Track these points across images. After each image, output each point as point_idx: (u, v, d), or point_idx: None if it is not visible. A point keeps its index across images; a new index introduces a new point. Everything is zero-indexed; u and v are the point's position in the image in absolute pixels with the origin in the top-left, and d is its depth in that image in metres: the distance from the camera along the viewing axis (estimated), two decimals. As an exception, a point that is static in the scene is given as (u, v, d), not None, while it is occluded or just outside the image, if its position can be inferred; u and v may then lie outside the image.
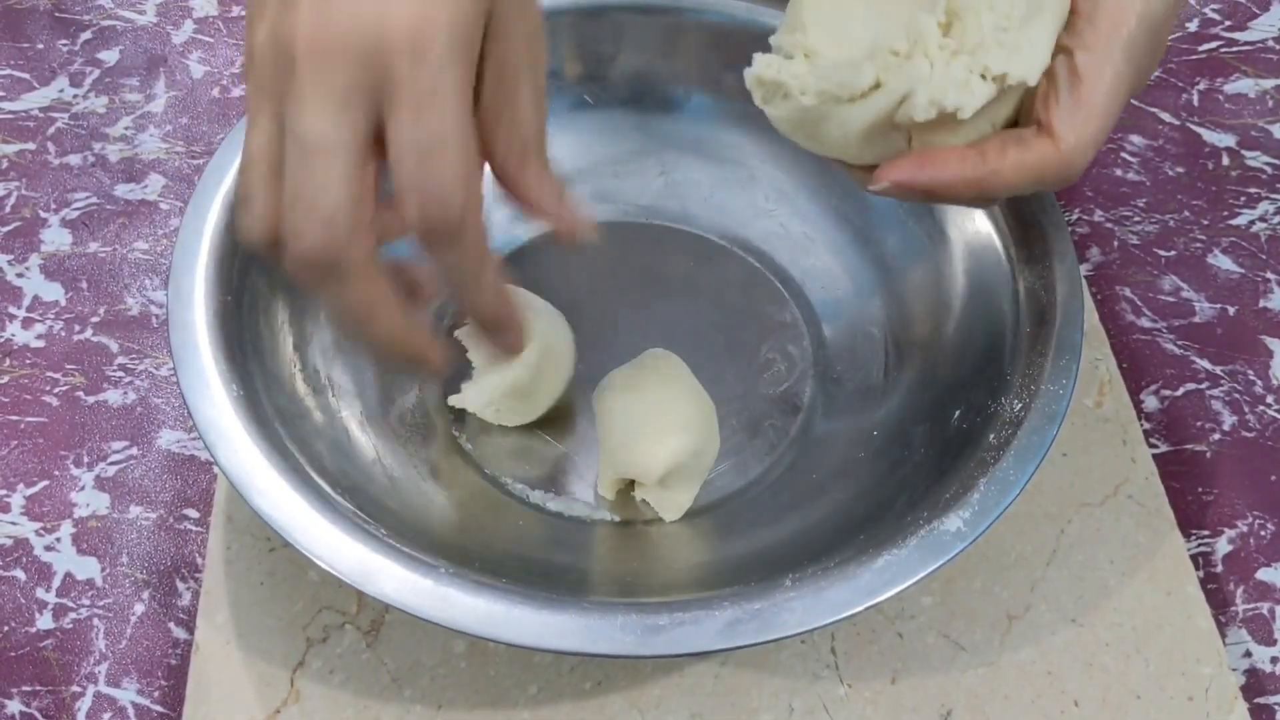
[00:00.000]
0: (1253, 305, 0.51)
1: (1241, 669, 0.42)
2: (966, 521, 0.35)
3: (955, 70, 0.30)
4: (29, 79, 0.58)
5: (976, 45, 0.30)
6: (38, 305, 0.50)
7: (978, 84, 0.30)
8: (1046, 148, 0.30)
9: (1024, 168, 0.30)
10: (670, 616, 0.33)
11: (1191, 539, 0.45)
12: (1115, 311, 0.51)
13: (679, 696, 0.40)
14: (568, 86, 0.50)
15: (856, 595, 0.34)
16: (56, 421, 0.47)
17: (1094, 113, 0.30)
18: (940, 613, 0.41)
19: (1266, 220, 0.54)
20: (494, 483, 0.44)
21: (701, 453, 0.42)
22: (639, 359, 0.44)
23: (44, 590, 0.42)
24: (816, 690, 0.40)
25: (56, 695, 0.40)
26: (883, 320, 0.47)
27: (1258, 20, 0.63)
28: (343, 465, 0.40)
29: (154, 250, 0.52)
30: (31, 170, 0.55)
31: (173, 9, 0.62)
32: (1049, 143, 0.30)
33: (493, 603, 0.33)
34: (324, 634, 0.40)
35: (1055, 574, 0.42)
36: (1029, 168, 0.30)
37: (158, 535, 0.44)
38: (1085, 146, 0.30)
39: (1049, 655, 0.41)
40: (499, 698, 0.39)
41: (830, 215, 0.50)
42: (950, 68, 0.30)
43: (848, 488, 0.42)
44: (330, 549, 0.34)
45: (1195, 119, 0.58)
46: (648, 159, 0.52)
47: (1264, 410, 0.48)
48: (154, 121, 0.57)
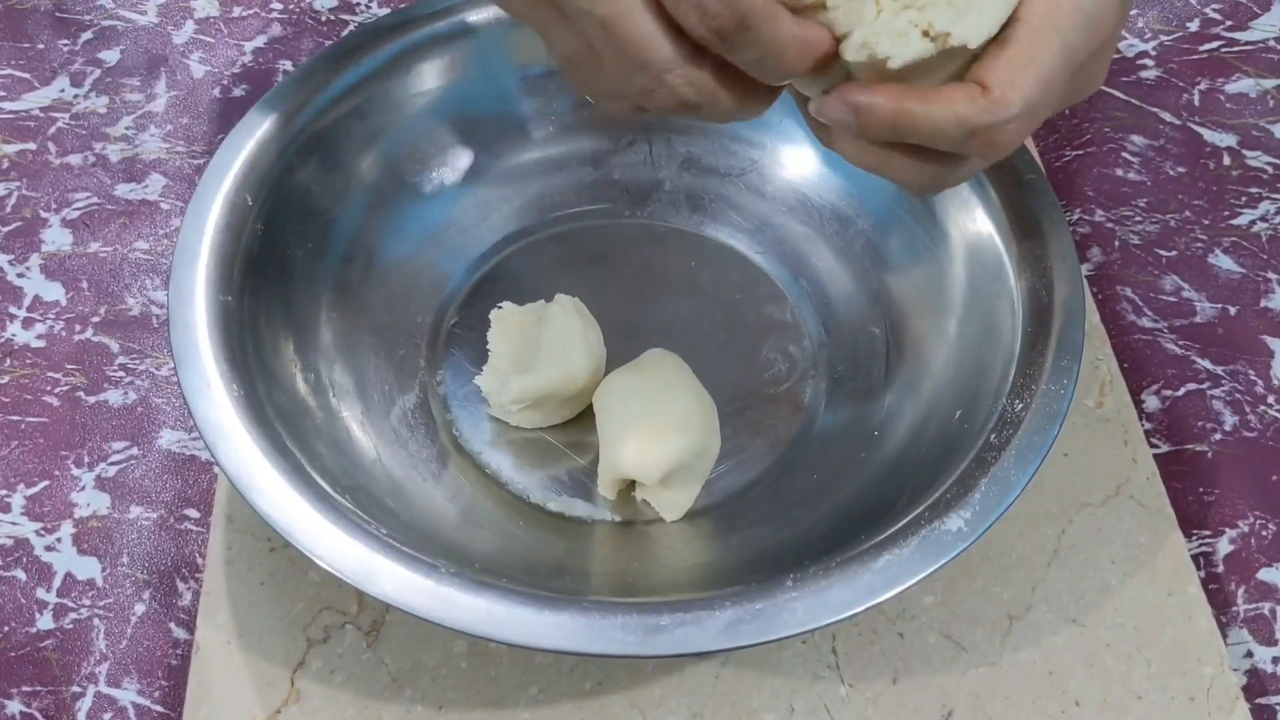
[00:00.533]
0: (1254, 305, 0.51)
1: (1243, 669, 0.42)
2: (968, 521, 0.35)
3: (898, 21, 0.30)
4: (29, 79, 0.58)
5: (926, 3, 0.30)
6: (38, 305, 0.50)
7: (915, 38, 0.30)
8: (973, 92, 0.30)
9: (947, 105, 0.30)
10: (671, 616, 0.33)
11: (1193, 539, 0.45)
12: (1116, 311, 0.51)
13: (680, 696, 0.39)
14: (570, 85, 0.51)
15: (857, 595, 0.34)
16: (57, 421, 0.47)
17: (1026, 69, 0.30)
18: (941, 613, 0.41)
19: (1267, 220, 0.54)
20: (495, 482, 0.44)
21: (702, 453, 0.42)
22: (639, 359, 0.44)
23: (44, 590, 0.42)
24: (817, 690, 0.40)
25: (57, 695, 0.40)
26: (883, 320, 0.47)
27: (1258, 20, 0.63)
28: (343, 465, 0.40)
29: (154, 250, 0.52)
30: (32, 170, 0.55)
31: (173, 9, 0.62)
32: (975, 89, 0.30)
33: (493, 603, 0.33)
34: (324, 634, 0.40)
35: (1056, 574, 0.42)
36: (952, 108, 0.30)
37: (158, 535, 0.44)
38: (1013, 100, 0.30)
39: (1050, 655, 0.41)
40: (500, 698, 0.39)
41: (831, 214, 0.50)
42: (895, 17, 0.30)
43: (848, 487, 0.42)
44: (331, 549, 0.34)
45: (1196, 119, 0.58)
46: (649, 157, 0.52)
47: (1265, 410, 0.48)
48: (154, 121, 0.57)
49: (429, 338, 0.47)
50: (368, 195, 0.47)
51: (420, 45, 0.47)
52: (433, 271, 0.49)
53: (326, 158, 0.46)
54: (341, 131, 0.46)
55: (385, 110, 0.47)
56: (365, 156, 0.47)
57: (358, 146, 0.47)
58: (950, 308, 0.45)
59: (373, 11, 0.62)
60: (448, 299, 0.48)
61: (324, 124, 0.45)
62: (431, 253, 0.49)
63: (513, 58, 0.49)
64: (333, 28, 0.61)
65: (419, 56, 0.47)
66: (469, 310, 0.48)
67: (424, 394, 0.46)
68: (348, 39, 0.47)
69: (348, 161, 0.47)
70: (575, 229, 0.51)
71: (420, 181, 0.49)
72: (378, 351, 0.46)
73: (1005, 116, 0.30)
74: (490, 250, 0.50)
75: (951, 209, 0.45)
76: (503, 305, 0.45)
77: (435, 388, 0.46)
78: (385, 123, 0.47)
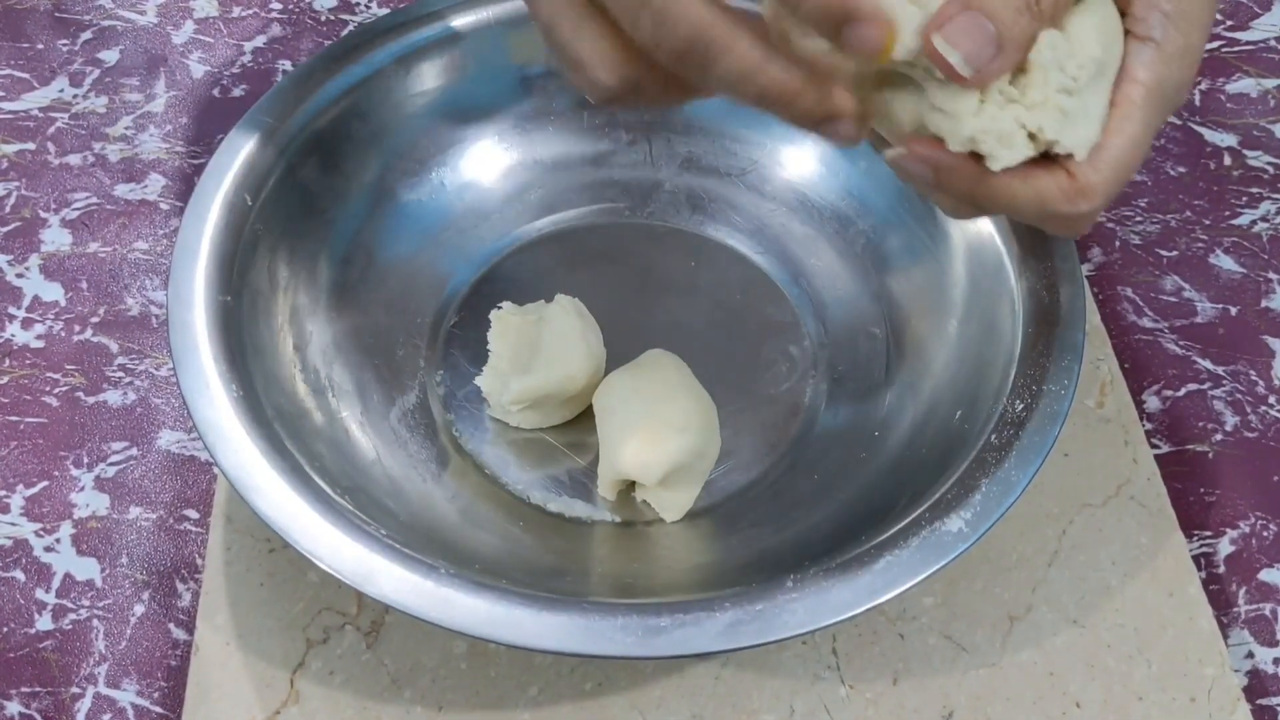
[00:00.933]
0: (1254, 305, 0.51)
1: (1244, 670, 0.42)
2: (968, 522, 0.35)
3: (1004, 120, 0.29)
4: (29, 79, 0.58)
5: (1036, 103, 0.29)
6: (37, 305, 0.50)
7: (1021, 141, 0.29)
8: (1060, 179, 0.30)
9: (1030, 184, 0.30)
10: (671, 617, 0.33)
11: (1194, 540, 0.45)
12: (1117, 311, 0.51)
13: (680, 697, 0.39)
14: (569, 85, 0.50)
15: (858, 596, 0.34)
16: (56, 422, 0.47)
17: (1113, 161, 0.30)
18: (942, 613, 0.41)
19: (1268, 220, 0.54)
20: (494, 483, 0.43)
21: (702, 453, 0.42)
22: (639, 359, 0.44)
23: (43, 591, 0.42)
24: (818, 691, 0.40)
25: (56, 696, 0.40)
26: (884, 320, 0.47)
27: (1259, 20, 0.62)
28: (343, 466, 0.39)
29: (154, 250, 0.52)
30: (31, 170, 0.54)
31: (173, 9, 0.62)
32: (1063, 176, 0.30)
33: (493, 604, 0.33)
34: (324, 635, 0.40)
35: (1057, 575, 0.42)
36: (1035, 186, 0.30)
37: (157, 536, 0.44)
38: (1096, 187, 0.30)
39: (1050, 656, 0.41)
40: (499, 699, 0.39)
41: (832, 215, 0.50)
42: (1002, 113, 0.29)
43: (849, 488, 0.42)
44: (330, 549, 0.34)
45: (1197, 119, 0.58)
46: (649, 157, 0.52)
47: (1266, 410, 0.48)
48: (154, 121, 0.57)
49: (429, 338, 0.47)
50: (367, 195, 0.47)
51: (419, 45, 0.47)
52: (432, 272, 0.49)
53: (326, 158, 0.46)
54: (341, 132, 0.46)
55: (385, 110, 0.47)
56: (365, 156, 0.47)
57: (357, 147, 0.47)
58: (951, 308, 0.45)
59: (372, 11, 0.62)
60: (447, 299, 0.48)
61: (323, 124, 0.45)
62: (431, 253, 0.49)
63: (512, 58, 0.49)
64: (332, 28, 0.61)
65: (418, 56, 0.47)
66: (469, 310, 0.48)
67: (423, 394, 0.46)
68: (347, 39, 0.47)
69: (347, 162, 0.47)
70: (575, 229, 0.51)
71: (420, 182, 0.49)
72: (377, 352, 0.46)
73: (1088, 209, 0.30)
74: (490, 250, 0.50)
75: (952, 209, 0.45)
76: (503, 305, 0.45)
77: (435, 388, 0.46)
78: (385, 123, 0.47)
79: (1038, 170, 0.30)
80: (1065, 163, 0.30)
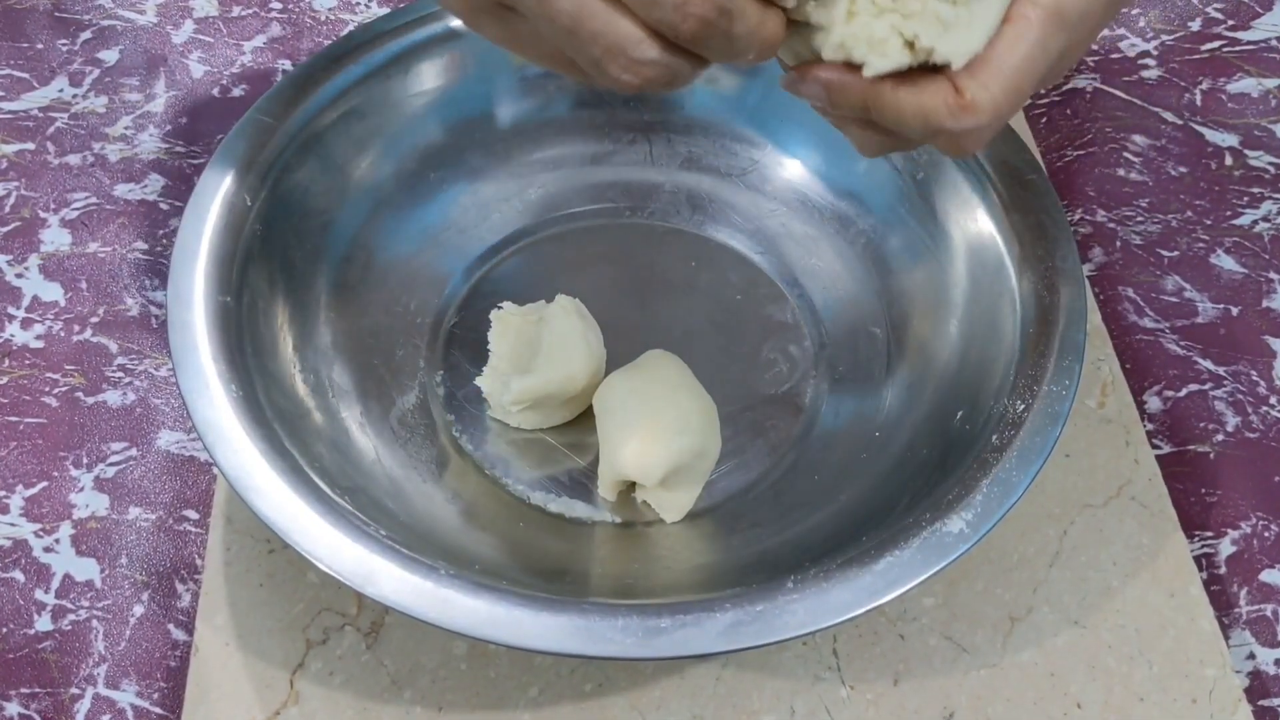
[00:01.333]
0: (1256, 305, 0.51)
1: (1245, 671, 0.42)
2: (969, 523, 0.35)
3: (877, 26, 0.28)
4: (29, 79, 0.58)
5: (914, 11, 0.28)
6: (37, 305, 0.50)
7: (895, 48, 0.28)
8: (945, 92, 0.29)
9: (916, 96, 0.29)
10: (671, 618, 0.33)
11: (1195, 540, 0.45)
12: (1118, 312, 0.51)
13: (680, 698, 0.39)
14: (568, 85, 0.50)
15: (858, 597, 0.34)
16: (56, 422, 0.46)
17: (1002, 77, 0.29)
18: (942, 614, 0.41)
19: (1270, 220, 0.54)
20: (494, 484, 0.43)
21: (703, 454, 0.42)
22: (639, 360, 0.44)
23: (43, 592, 0.42)
24: (818, 692, 0.40)
25: (55, 697, 0.40)
26: (884, 320, 0.47)
27: (1260, 20, 0.62)
28: (342, 466, 0.39)
29: (154, 250, 0.52)
30: (31, 170, 0.54)
31: (173, 9, 0.61)
32: (948, 90, 0.30)
33: (493, 604, 0.33)
34: (324, 635, 0.40)
35: (1058, 575, 0.42)
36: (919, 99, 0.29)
37: (157, 536, 0.44)
38: (983, 103, 0.29)
39: (1051, 657, 0.40)
40: (499, 700, 0.39)
41: (832, 214, 0.50)
42: (876, 21, 0.28)
43: (849, 489, 0.42)
44: (330, 550, 0.34)
45: (1198, 119, 0.58)
46: (649, 157, 0.52)
47: (1267, 411, 0.48)
48: (154, 121, 0.57)
49: (429, 338, 0.47)
50: (367, 195, 0.47)
51: (419, 45, 0.47)
52: (432, 272, 0.49)
53: (325, 158, 0.46)
54: (340, 131, 0.46)
55: (384, 110, 0.47)
56: (364, 156, 0.47)
57: (357, 146, 0.47)
58: (951, 308, 0.44)
59: (372, 11, 0.62)
60: (447, 299, 0.48)
61: (323, 124, 0.45)
62: (431, 253, 0.49)
63: (511, 58, 0.49)
64: (332, 28, 0.61)
65: (418, 56, 0.47)
66: (469, 310, 0.48)
67: (423, 394, 0.45)
68: (346, 39, 0.47)
69: (347, 161, 0.47)
70: (575, 229, 0.51)
71: (419, 181, 0.49)
72: (377, 352, 0.45)
73: (973, 125, 0.29)
74: (490, 250, 0.50)
75: (952, 209, 0.45)
76: (503, 306, 0.45)
77: (435, 388, 0.46)
78: (384, 123, 0.47)
79: (924, 81, 0.29)
80: (951, 76, 0.29)
